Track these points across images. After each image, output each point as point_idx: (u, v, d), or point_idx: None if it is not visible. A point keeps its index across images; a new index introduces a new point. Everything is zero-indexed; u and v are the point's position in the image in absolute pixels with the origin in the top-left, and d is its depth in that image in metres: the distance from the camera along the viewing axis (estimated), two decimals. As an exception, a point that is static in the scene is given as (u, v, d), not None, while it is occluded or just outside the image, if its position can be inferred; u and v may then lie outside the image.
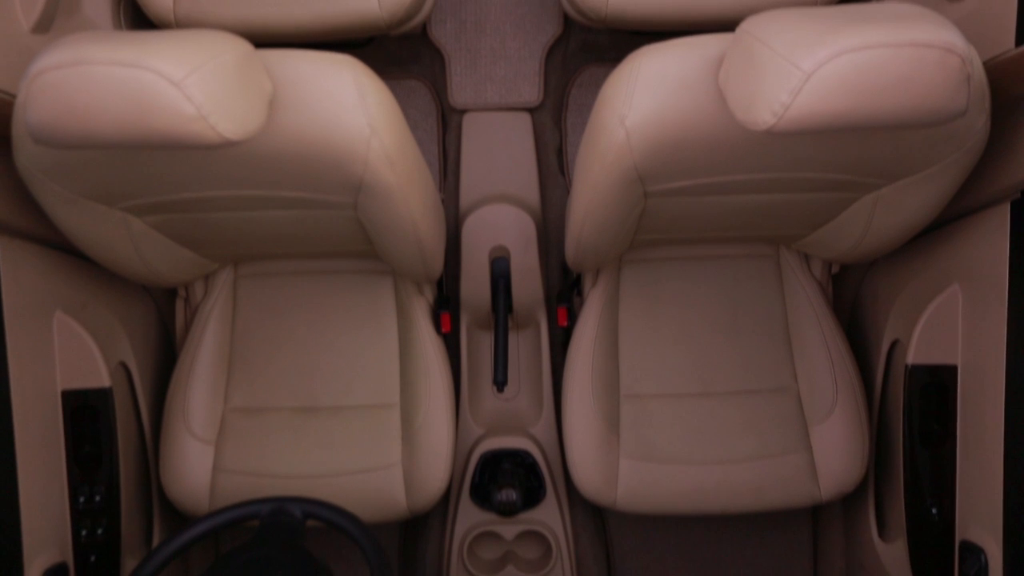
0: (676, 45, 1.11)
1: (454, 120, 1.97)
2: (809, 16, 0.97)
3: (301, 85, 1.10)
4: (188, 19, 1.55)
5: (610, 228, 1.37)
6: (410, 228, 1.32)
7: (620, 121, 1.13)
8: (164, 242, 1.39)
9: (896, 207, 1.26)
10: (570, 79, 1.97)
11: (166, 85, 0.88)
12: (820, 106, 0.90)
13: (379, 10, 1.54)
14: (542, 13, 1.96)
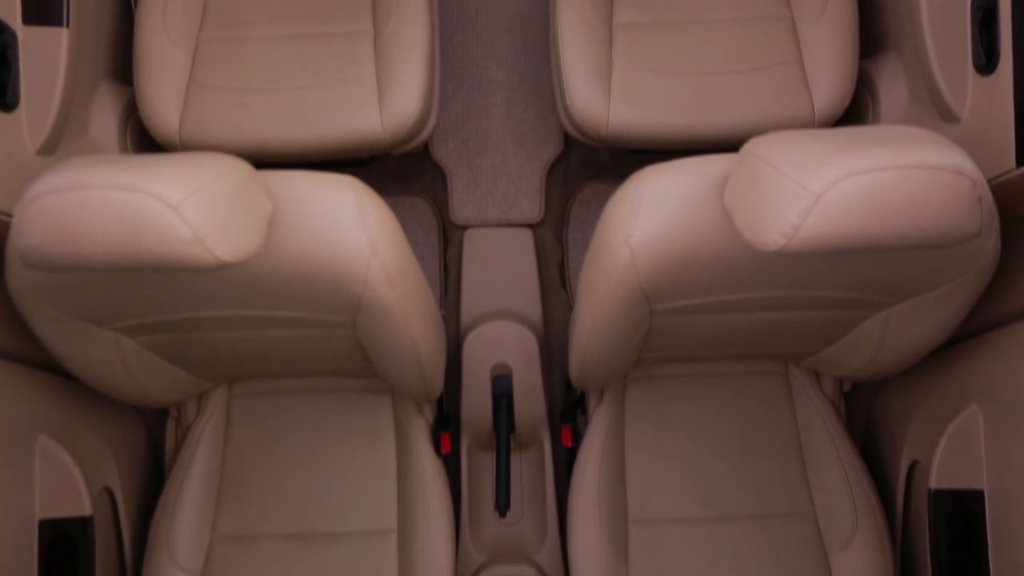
0: (680, 165, 1.11)
1: (455, 236, 1.97)
2: (813, 138, 0.97)
3: (301, 205, 1.10)
4: (193, 140, 1.57)
5: (615, 347, 1.34)
6: (410, 348, 1.28)
7: (625, 240, 1.11)
8: (157, 362, 1.35)
9: (908, 326, 1.23)
10: (571, 195, 1.99)
11: (163, 208, 0.87)
12: (831, 227, 0.88)
13: (382, 131, 1.56)
14: (543, 132, 1.99)
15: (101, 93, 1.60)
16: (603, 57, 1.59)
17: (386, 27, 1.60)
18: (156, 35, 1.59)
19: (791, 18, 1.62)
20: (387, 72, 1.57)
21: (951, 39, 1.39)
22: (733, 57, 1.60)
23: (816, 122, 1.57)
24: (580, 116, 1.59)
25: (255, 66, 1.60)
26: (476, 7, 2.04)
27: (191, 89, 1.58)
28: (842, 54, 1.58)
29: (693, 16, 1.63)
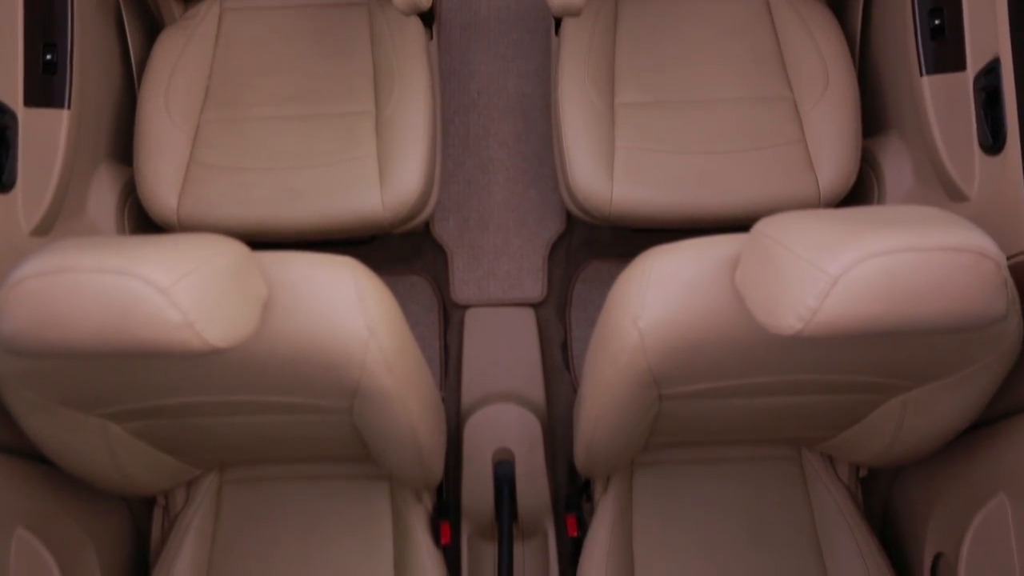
0: (688, 246, 1.08)
1: (456, 316, 1.93)
2: (826, 219, 0.94)
3: (298, 287, 1.06)
4: (191, 220, 1.54)
5: (623, 432, 1.28)
6: (409, 434, 1.23)
7: (633, 322, 1.08)
8: (144, 449, 1.30)
9: (928, 411, 1.18)
10: (574, 274, 1.96)
11: (152, 292, 0.84)
12: (850, 311, 0.84)
13: (383, 210, 1.54)
14: (545, 211, 1.98)
15: (100, 173, 1.59)
16: (606, 136, 1.58)
17: (388, 107, 1.60)
18: (158, 116, 1.59)
19: (792, 98, 1.62)
20: (388, 151, 1.56)
21: (955, 119, 1.38)
22: (736, 136, 1.59)
23: (821, 201, 1.56)
24: (583, 194, 1.57)
25: (256, 146, 1.59)
26: (477, 88, 2.05)
27: (191, 169, 1.57)
28: (845, 134, 1.57)
29: (695, 96, 1.63)
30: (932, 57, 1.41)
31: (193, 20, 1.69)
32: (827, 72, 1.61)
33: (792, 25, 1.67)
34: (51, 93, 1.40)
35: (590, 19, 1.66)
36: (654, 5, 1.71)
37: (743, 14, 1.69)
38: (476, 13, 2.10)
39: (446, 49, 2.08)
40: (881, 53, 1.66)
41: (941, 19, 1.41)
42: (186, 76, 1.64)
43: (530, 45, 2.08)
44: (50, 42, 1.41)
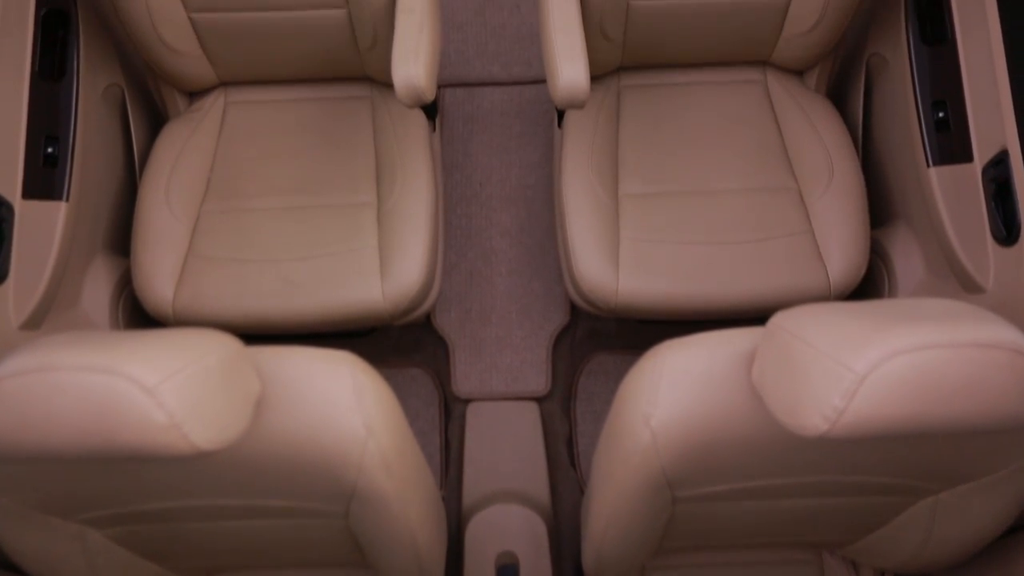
0: (701, 340, 1.04)
1: (457, 410, 1.87)
2: (846, 313, 0.90)
3: (293, 385, 1.02)
4: (186, 313, 1.51)
5: (634, 537, 1.21)
6: (407, 538, 1.16)
7: (645, 421, 1.02)
8: (126, 556, 1.22)
9: (959, 515, 1.12)
10: (578, 367, 1.91)
11: (137, 392, 0.79)
12: (879, 411, 0.79)
13: (383, 302, 1.51)
14: (548, 302, 1.94)
15: (96, 265, 1.56)
16: (610, 227, 1.56)
17: (390, 198, 1.59)
18: (158, 208, 1.58)
19: (797, 189, 1.61)
20: (390, 243, 1.54)
21: (965, 210, 1.37)
22: (742, 227, 1.57)
23: (832, 293, 1.52)
24: (588, 286, 1.54)
25: (256, 237, 1.57)
26: (480, 179, 2.05)
27: (188, 260, 1.55)
28: (853, 224, 1.55)
29: (699, 187, 1.62)
30: (938, 149, 1.40)
31: (198, 113, 1.70)
32: (831, 163, 1.60)
33: (794, 116, 1.67)
34: (50, 186, 1.39)
35: (593, 111, 1.67)
36: (656, 97, 1.72)
37: (745, 105, 1.70)
38: (479, 106, 2.13)
39: (449, 141, 2.09)
40: (884, 144, 1.66)
41: (944, 111, 1.41)
42: (188, 168, 1.63)
43: (533, 137, 2.09)
44: (52, 135, 1.41)
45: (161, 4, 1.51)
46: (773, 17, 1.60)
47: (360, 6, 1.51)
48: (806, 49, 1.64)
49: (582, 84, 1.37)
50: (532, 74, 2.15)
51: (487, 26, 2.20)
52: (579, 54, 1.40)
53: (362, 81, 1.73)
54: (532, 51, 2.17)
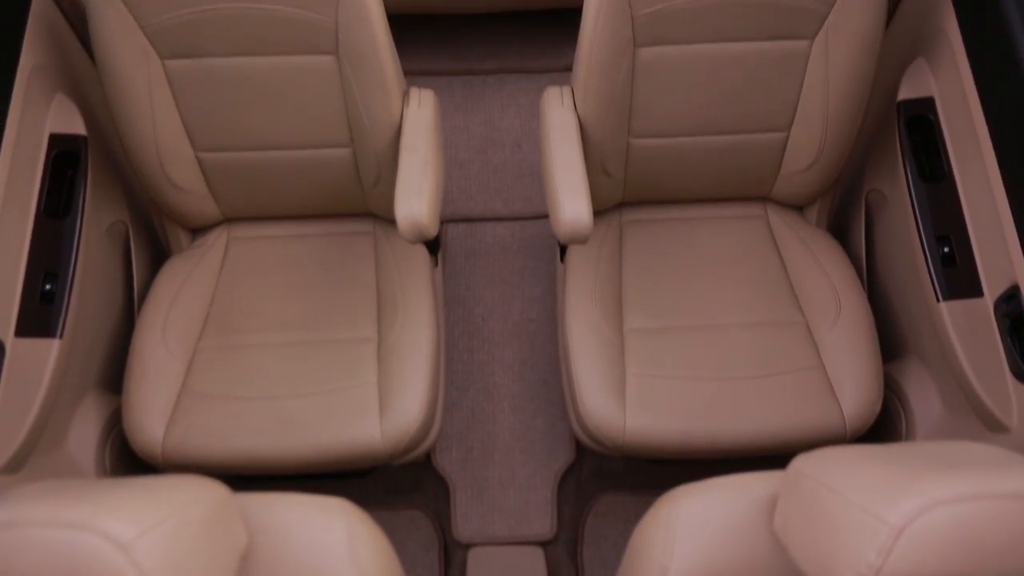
0: (717, 486, 0.98)
1: (458, 556, 1.77)
2: (873, 457, 0.85)
3: (284, 534, 0.95)
4: (177, 452, 1.45)
5: None
6: None
7: (661, 574, 0.95)
8: None
9: None
10: (585, 508, 1.82)
11: (110, 549, 0.73)
12: (918, 568, 0.73)
13: (382, 441, 1.45)
14: (553, 440, 1.88)
15: (86, 403, 1.51)
16: (616, 363, 1.53)
17: (391, 334, 1.56)
18: (153, 344, 1.55)
19: (805, 323, 1.58)
20: (389, 380, 1.50)
21: (980, 345, 1.33)
22: (750, 362, 1.53)
23: (848, 431, 1.47)
24: (594, 424, 1.49)
25: (252, 374, 1.53)
26: (482, 313, 2.03)
27: (182, 398, 1.50)
28: (864, 360, 1.52)
29: (705, 321, 1.59)
30: (946, 284, 1.39)
31: (200, 249, 1.70)
32: (838, 297, 1.58)
33: (797, 251, 1.67)
34: (45, 323, 1.36)
35: (595, 246, 1.67)
36: (658, 231, 1.72)
37: (747, 240, 1.70)
38: (481, 240, 2.14)
39: (451, 275, 2.09)
40: (890, 278, 1.65)
41: (949, 247, 1.41)
42: (187, 303, 1.61)
43: (535, 271, 2.08)
44: (52, 271, 1.40)
45: (169, 144, 1.54)
46: (771, 156, 1.62)
47: (365, 144, 1.54)
48: (805, 186, 1.66)
49: (585, 219, 1.37)
50: (534, 209, 2.17)
51: (489, 164, 2.24)
52: (582, 190, 1.41)
53: (365, 217, 1.74)
54: (533, 187, 2.20)
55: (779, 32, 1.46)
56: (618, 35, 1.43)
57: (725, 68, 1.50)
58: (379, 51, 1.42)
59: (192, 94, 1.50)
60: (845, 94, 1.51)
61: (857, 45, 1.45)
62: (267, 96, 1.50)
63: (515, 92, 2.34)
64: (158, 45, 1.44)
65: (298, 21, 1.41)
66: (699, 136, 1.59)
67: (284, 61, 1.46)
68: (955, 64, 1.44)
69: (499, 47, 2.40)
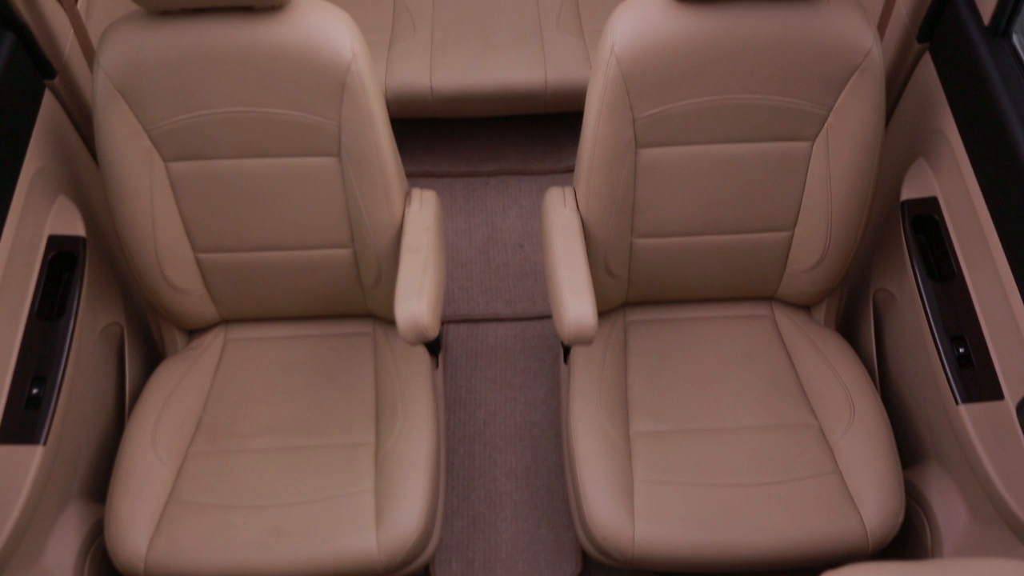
0: None
1: None
2: None
3: None
4: (160, 567, 1.37)
5: None
6: None
7: None
8: None
9: None
10: (593, 626, 1.71)
11: None
12: None
13: (377, 553, 1.38)
14: (557, 550, 1.78)
15: (68, 513, 1.44)
16: (623, 469, 1.46)
17: (389, 439, 1.50)
18: (142, 449, 1.49)
19: (818, 426, 1.53)
20: (387, 487, 1.43)
21: (1005, 451, 1.28)
22: (764, 468, 1.47)
23: (870, 541, 1.39)
24: (602, 534, 1.41)
25: (244, 480, 1.47)
26: (484, 416, 1.98)
27: (169, 507, 1.43)
28: (883, 465, 1.45)
29: (715, 424, 1.54)
30: (964, 386, 1.34)
31: (195, 351, 1.67)
32: (851, 399, 1.54)
33: (806, 351, 1.63)
34: (30, 429, 1.31)
35: (600, 347, 1.63)
36: (664, 332, 1.69)
37: (755, 340, 1.67)
38: (483, 342, 2.10)
39: (452, 378, 2.04)
40: (903, 380, 1.60)
41: (964, 347, 1.37)
42: (179, 407, 1.57)
43: (538, 373, 2.04)
44: (40, 375, 1.36)
45: (168, 245, 1.52)
46: (776, 255, 1.61)
47: (366, 245, 1.52)
48: (811, 285, 1.63)
49: (590, 320, 1.34)
50: (536, 310, 2.14)
51: (491, 264, 2.23)
52: (586, 290, 1.38)
53: (364, 318, 1.71)
54: (536, 288, 2.18)
55: (780, 134, 1.47)
56: (619, 136, 1.44)
57: (727, 169, 1.50)
58: (381, 152, 1.43)
59: (193, 195, 1.50)
60: (848, 194, 1.50)
61: (858, 146, 1.46)
62: (268, 197, 1.50)
63: (517, 193, 2.36)
64: (162, 148, 1.45)
65: (302, 124, 1.42)
66: (703, 236, 1.58)
67: (286, 163, 1.47)
68: (956, 164, 1.44)
69: (501, 149, 2.43)
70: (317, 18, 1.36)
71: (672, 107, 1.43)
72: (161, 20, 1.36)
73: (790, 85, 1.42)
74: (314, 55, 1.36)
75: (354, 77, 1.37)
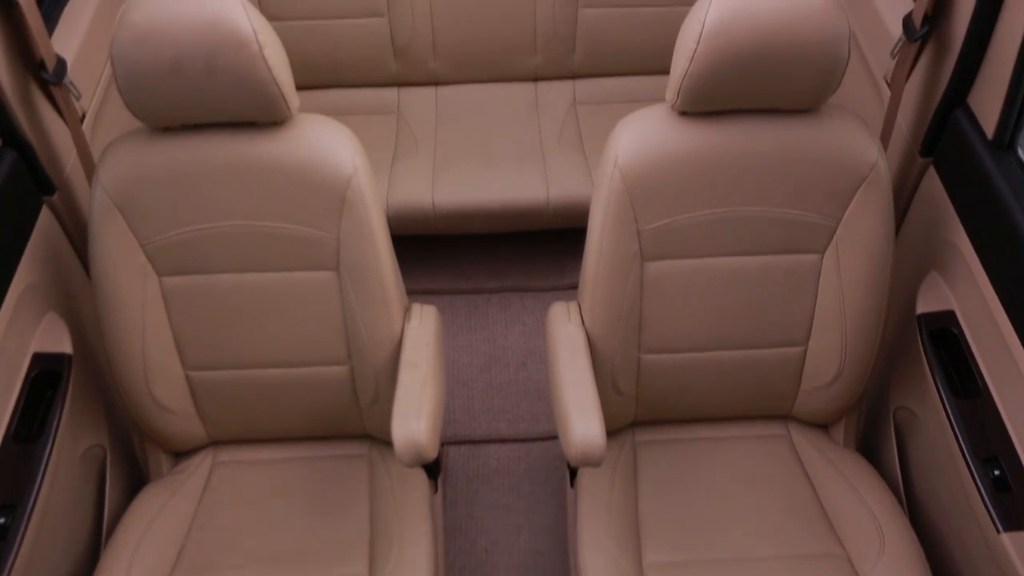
0: None
1: None
2: None
3: None
4: None
5: None
6: None
7: None
8: None
9: None
10: None
11: None
12: None
13: None
14: None
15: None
16: (637, 604, 1.35)
17: (384, 570, 1.40)
18: (115, 584, 1.38)
19: (846, 555, 1.42)
20: None
21: None
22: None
23: None
24: None
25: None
26: (486, 545, 1.86)
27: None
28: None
29: (734, 554, 1.43)
30: (1004, 513, 1.25)
31: (181, 474, 1.58)
32: (879, 526, 1.43)
33: (827, 474, 1.54)
34: None
35: (608, 469, 1.54)
36: (675, 453, 1.61)
37: (771, 462, 1.58)
38: (484, 463, 2.01)
39: (452, 502, 1.93)
40: (934, 504, 1.51)
41: (1000, 469, 1.29)
42: (160, 536, 1.46)
43: (543, 498, 1.93)
44: (10, 503, 1.27)
45: (158, 362, 1.47)
46: (790, 371, 1.55)
47: (363, 361, 1.47)
48: (828, 403, 1.56)
49: (598, 440, 1.27)
50: (540, 430, 2.06)
51: (493, 383, 2.17)
52: (593, 408, 1.32)
53: (361, 439, 1.63)
54: (540, 407, 2.11)
55: (788, 246, 1.44)
56: (624, 249, 1.41)
57: (735, 282, 1.46)
58: (381, 265, 1.39)
59: (186, 311, 1.46)
60: (862, 306, 1.46)
61: (869, 258, 1.43)
62: (264, 312, 1.46)
63: (519, 311, 2.32)
64: (156, 262, 1.42)
65: (300, 238, 1.39)
66: (713, 351, 1.52)
67: (283, 277, 1.43)
68: (972, 277, 1.41)
69: (503, 266, 2.42)
70: (319, 132, 1.36)
71: (678, 219, 1.40)
72: (162, 135, 1.36)
73: (796, 197, 1.40)
74: (315, 169, 1.35)
75: (355, 191, 1.36)
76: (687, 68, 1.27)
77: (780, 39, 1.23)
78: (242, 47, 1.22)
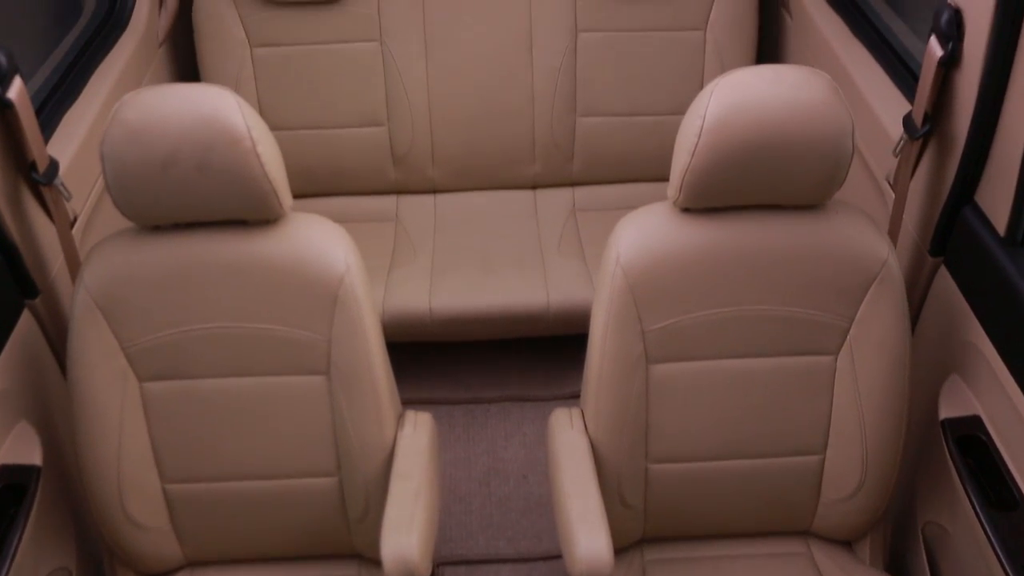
0: None
1: None
2: None
3: None
4: None
5: None
6: None
7: None
8: None
9: None
10: None
11: None
12: None
13: None
14: None
15: None
16: None
17: None
18: None
19: None
20: None
21: None
22: None
23: None
24: None
25: None
26: None
27: None
28: None
29: None
30: None
31: None
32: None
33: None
34: None
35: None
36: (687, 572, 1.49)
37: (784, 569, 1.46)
38: None
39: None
40: None
41: None
42: None
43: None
44: None
45: (133, 472, 1.38)
46: (808, 482, 1.45)
47: (353, 472, 1.38)
48: (851, 516, 1.46)
49: (604, 557, 1.18)
50: (543, 549, 1.94)
51: (492, 497, 2.05)
52: (599, 522, 1.23)
53: (349, 559, 1.52)
54: (542, 524, 1.99)
55: (799, 347, 1.38)
56: (629, 350, 1.35)
57: (746, 386, 1.39)
58: (373, 368, 1.33)
59: (167, 418, 1.38)
60: (881, 411, 1.38)
61: (886, 359, 1.36)
62: (249, 420, 1.38)
63: (520, 421, 2.24)
64: (138, 367, 1.35)
65: (289, 340, 1.33)
66: (724, 460, 1.43)
67: (270, 382, 1.36)
68: (997, 380, 1.34)
69: (502, 375, 2.35)
70: (311, 230, 1.33)
71: (683, 319, 1.35)
72: (151, 235, 1.32)
73: (805, 296, 1.35)
74: (307, 266, 1.30)
75: (347, 290, 1.31)
76: (688, 163, 1.25)
77: (782, 132, 1.21)
78: (235, 143, 1.20)
